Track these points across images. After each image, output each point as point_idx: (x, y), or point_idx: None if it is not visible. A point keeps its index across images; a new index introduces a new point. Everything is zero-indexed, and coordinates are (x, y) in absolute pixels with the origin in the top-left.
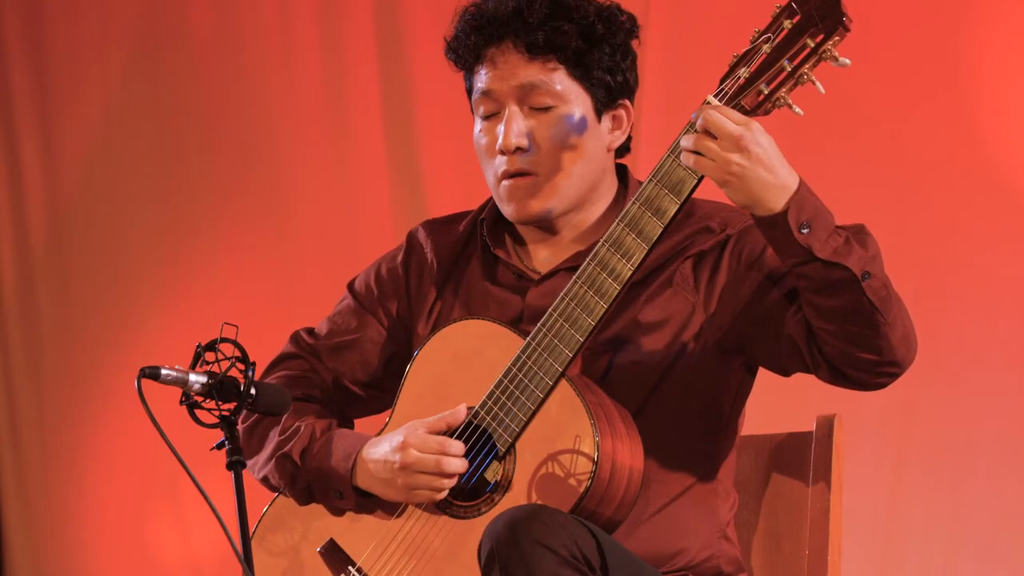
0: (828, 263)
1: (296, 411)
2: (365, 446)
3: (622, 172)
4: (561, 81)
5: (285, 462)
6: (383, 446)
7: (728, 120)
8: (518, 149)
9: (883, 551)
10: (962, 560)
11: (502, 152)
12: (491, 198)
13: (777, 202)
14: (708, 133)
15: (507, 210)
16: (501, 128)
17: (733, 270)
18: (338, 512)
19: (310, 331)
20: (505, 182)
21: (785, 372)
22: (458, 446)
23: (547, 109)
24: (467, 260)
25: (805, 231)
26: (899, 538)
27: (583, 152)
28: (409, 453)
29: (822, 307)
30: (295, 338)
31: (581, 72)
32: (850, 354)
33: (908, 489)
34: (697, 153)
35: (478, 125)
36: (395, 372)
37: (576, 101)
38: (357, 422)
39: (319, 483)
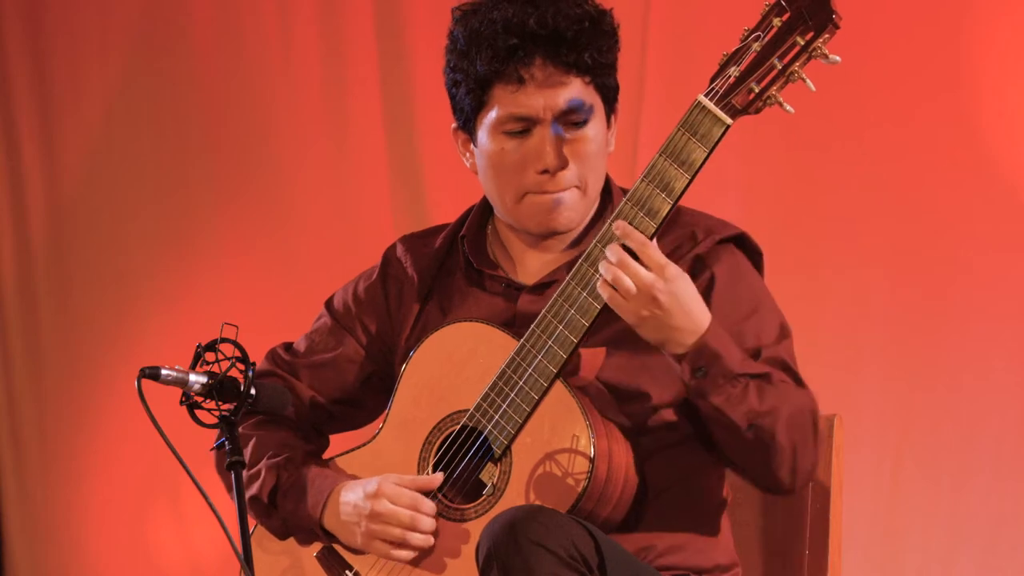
0: (715, 407)
1: (266, 435)
2: (339, 487)
3: None
4: (591, 95)
5: (255, 503)
6: (357, 490)
7: (640, 268)
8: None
9: (883, 551)
10: (962, 560)
11: (545, 170)
12: (467, 213)
13: (682, 345)
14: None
15: (531, 224)
16: (545, 148)
17: (700, 285)
18: None
19: (287, 347)
20: (539, 197)
21: None
22: (430, 505)
23: (582, 124)
24: (449, 273)
25: (700, 375)
26: (899, 538)
27: (604, 161)
28: (381, 503)
29: (714, 430)
30: (271, 355)
31: (603, 82)
32: (740, 467)
33: (908, 489)
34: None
35: (498, 142)
36: (373, 390)
37: (599, 111)
38: (333, 438)
39: (293, 521)
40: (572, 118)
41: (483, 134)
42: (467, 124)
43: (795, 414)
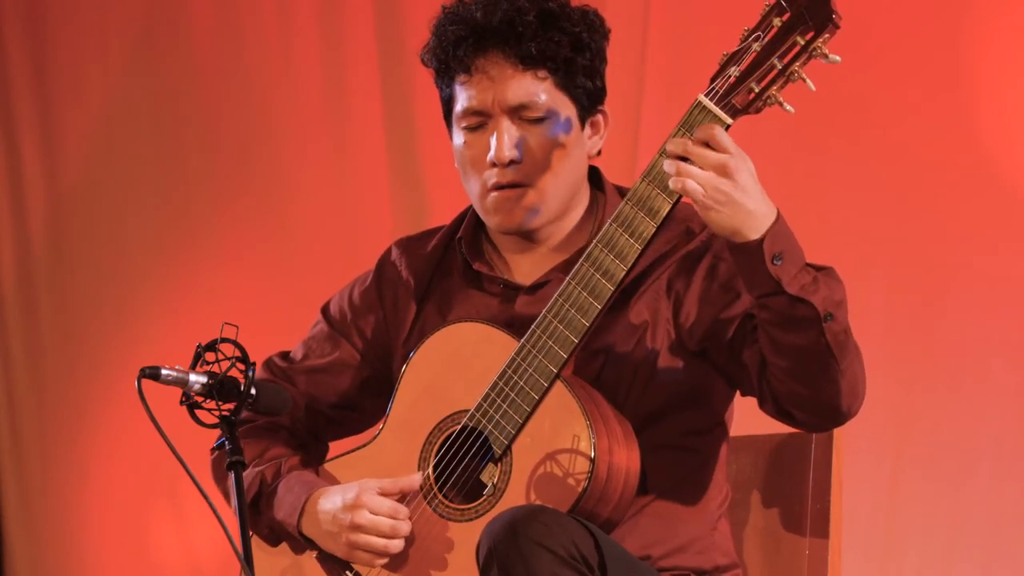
0: (794, 298)
1: (254, 443)
2: (316, 494)
3: (594, 175)
4: (549, 91)
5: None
6: (335, 499)
7: (709, 151)
8: (511, 161)
9: (883, 551)
10: (962, 560)
11: (494, 164)
12: (462, 215)
13: (756, 231)
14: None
15: (493, 221)
16: (493, 140)
17: (707, 285)
18: None
19: (284, 355)
20: (494, 194)
21: (739, 391)
22: (405, 511)
23: (537, 120)
24: (445, 275)
25: (777, 263)
26: (899, 538)
27: (569, 162)
28: (362, 514)
29: (780, 342)
30: (268, 364)
31: (567, 81)
32: (797, 393)
33: (908, 489)
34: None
35: (461, 136)
36: (370, 394)
37: (563, 110)
38: (333, 444)
39: (279, 529)
40: (524, 114)
41: (454, 131)
42: (448, 123)
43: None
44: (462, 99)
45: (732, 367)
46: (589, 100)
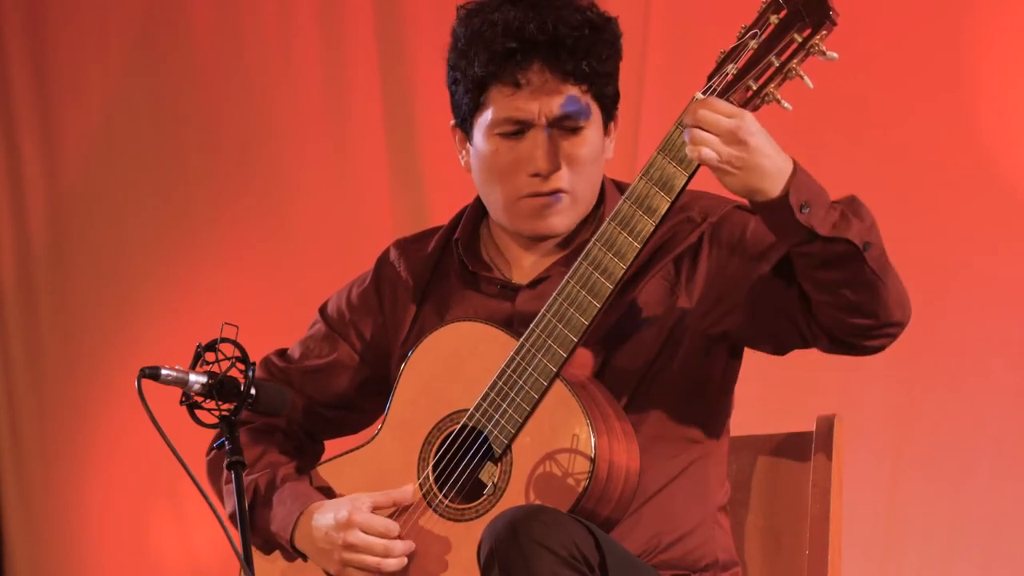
0: (830, 239)
1: (248, 451)
2: (310, 509)
3: None
4: (588, 102)
5: (233, 519)
6: (328, 516)
7: (720, 115)
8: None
9: (883, 551)
10: (962, 560)
11: (535, 174)
12: (459, 215)
13: (776, 188)
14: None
15: (526, 226)
16: (535, 150)
17: (715, 257)
18: None
19: (281, 354)
20: (531, 200)
21: (782, 350)
22: (397, 528)
23: (576, 130)
24: (444, 276)
25: (805, 211)
26: (899, 538)
27: (598, 167)
28: (354, 533)
29: (822, 280)
30: (265, 362)
31: (601, 91)
32: (848, 322)
33: (908, 489)
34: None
35: (492, 143)
36: (369, 394)
37: (596, 118)
38: (332, 443)
39: (272, 540)
40: (566, 124)
41: (478, 134)
42: (464, 123)
43: None
44: (502, 108)
45: (770, 325)
46: (613, 107)
